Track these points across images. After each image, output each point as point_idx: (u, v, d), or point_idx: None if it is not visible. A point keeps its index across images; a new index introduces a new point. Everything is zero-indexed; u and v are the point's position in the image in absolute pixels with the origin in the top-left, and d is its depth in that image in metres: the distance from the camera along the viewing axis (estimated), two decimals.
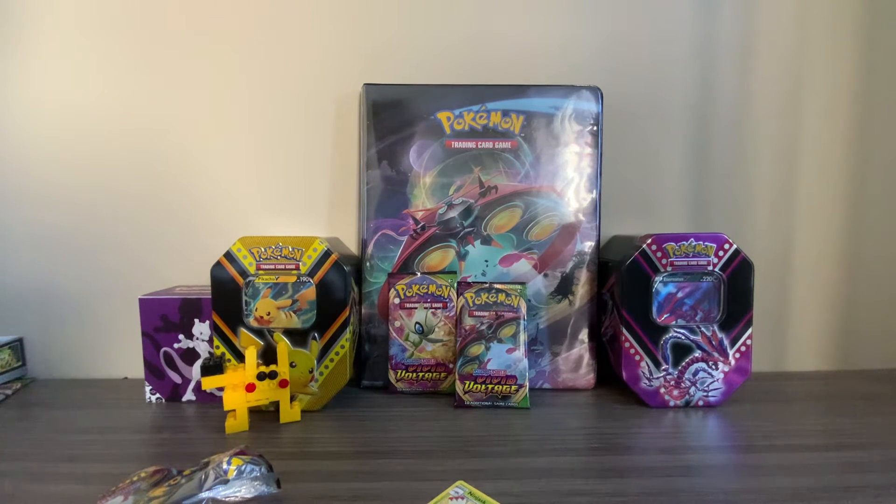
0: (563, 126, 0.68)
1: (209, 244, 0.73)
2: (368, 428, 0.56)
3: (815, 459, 0.49)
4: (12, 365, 0.71)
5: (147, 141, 0.72)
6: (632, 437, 0.54)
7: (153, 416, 0.60)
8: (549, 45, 0.73)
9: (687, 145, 0.75)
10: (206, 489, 0.39)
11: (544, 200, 0.68)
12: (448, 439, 0.53)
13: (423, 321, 0.67)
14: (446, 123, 0.68)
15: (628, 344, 0.62)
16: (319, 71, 0.72)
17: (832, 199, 0.76)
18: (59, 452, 0.51)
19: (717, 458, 0.49)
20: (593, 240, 0.68)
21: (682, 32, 0.73)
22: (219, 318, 0.60)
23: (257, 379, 0.56)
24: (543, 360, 0.69)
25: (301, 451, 0.51)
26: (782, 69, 0.74)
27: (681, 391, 0.62)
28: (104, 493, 0.40)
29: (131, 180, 0.72)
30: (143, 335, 0.63)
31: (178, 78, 0.72)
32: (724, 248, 0.61)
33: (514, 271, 0.68)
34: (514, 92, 0.68)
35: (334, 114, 0.73)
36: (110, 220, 0.73)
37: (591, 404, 0.63)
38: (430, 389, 0.67)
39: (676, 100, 0.74)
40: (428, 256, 0.69)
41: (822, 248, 0.76)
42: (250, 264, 0.60)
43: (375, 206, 0.68)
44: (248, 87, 0.72)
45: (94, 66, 0.71)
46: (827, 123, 0.75)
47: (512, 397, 0.62)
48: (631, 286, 0.61)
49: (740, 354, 0.61)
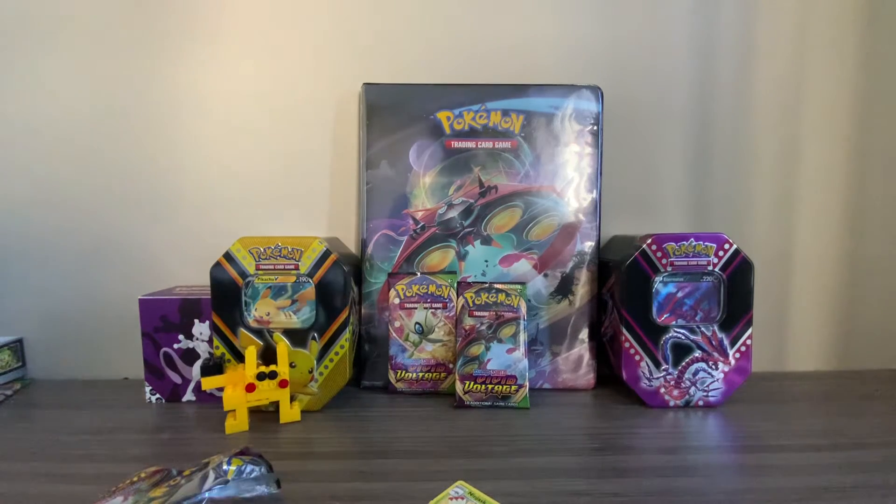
0: (563, 126, 0.68)
1: (209, 244, 0.73)
2: (368, 428, 0.56)
3: (815, 459, 0.49)
4: (12, 365, 0.71)
5: (146, 141, 0.72)
6: (632, 437, 0.54)
7: (153, 417, 0.60)
8: (549, 44, 0.73)
9: (687, 145, 0.75)
10: (206, 489, 0.39)
11: (544, 200, 0.68)
12: (448, 439, 0.53)
13: (423, 321, 0.67)
14: (446, 123, 0.68)
15: (628, 344, 0.62)
16: (319, 71, 0.72)
17: (832, 199, 0.76)
18: (59, 452, 0.51)
19: (717, 458, 0.49)
20: (593, 240, 0.68)
21: (683, 32, 0.73)
22: (218, 318, 0.60)
23: (257, 379, 0.56)
24: (543, 360, 0.68)
25: (301, 451, 0.51)
26: (782, 69, 0.74)
27: (681, 391, 0.62)
28: (104, 493, 0.41)
29: (131, 180, 0.72)
30: (143, 335, 0.63)
31: (178, 78, 0.72)
32: (724, 248, 0.61)
33: (514, 271, 0.68)
34: (513, 91, 0.68)
35: (334, 114, 0.73)
36: (110, 220, 0.73)
37: (591, 404, 0.63)
38: (430, 389, 0.67)
39: (677, 99, 0.74)
40: (428, 256, 0.68)
41: (822, 248, 0.76)
42: (250, 265, 0.60)
43: (375, 206, 0.68)
44: (248, 87, 0.72)
45: (92, 66, 0.71)
46: (827, 123, 0.75)
47: (512, 397, 0.62)
48: (631, 286, 0.61)
49: (740, 354, 0.61)
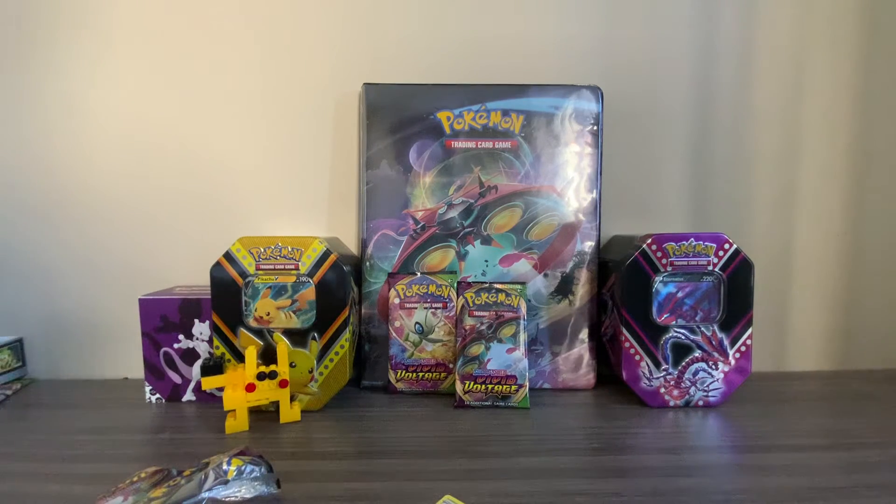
0: (563, 126, 0.68)
1: (209, 244, 0.73)
2: (368, 428, 0.56)
3: (815, 459, 0.49)
4: (12, 365, 0.71)
5: (146, 141, 0.72)
6: (632, 437, 0.54)
7: (153, 417, 0.60)
8: (549, 44, 0.73)
9: (687, 145, 0.75)
10: (206, 490, 0.39)
11: (544, 200, 0.68)
12: (448, 439, 0.53)
13: (423, 321, 0.67)
14: (446, 123, 0.68)
15: (628, 344, 0.62)
16: (319, 71, 0.72)
17: (832, 199, 0.76)
18: (59, 452, 0.51)
19: (717, 458, 0.49)
20: (593, 240, 0.68)
21: (683, 32, 0.73)
22: (218, 318, 0.60)
23: (257, 379, 0.56)
24: (543, 360, 0.68)
25: (301, 451, 0.51)
26: (782, 69, 0.74)
27: (681, 391, 0.62)
28: (104, 493, 0.40)
29: (130, 180, 0.72)
30: (143, 335, 0.63)
31: (177, 78, 0.72)
32: (724, 248, 0.61)
33: (514, 271, 0.68)
34: (513, 91, 0.68)
35: (334, 114, 0.73)
36: (110, 220, 0.73)
37: (591, 404, 0.63)
38: (430, 389, 0.67)
39: (677, 99, 0.74)
40: (428, 256, 0.68)
41: (822, 248, 0.76)
42: (250, 264, 0.60)
43: (375, 206, 0.68)
44: (248, 88, 0.72)
45: (90, 65, 0.71)
46: (827, 123, 0.75)
47: (512, 397, 0.62)
48: (631, 286, 0.61)
49: (740, 354, 0.61)
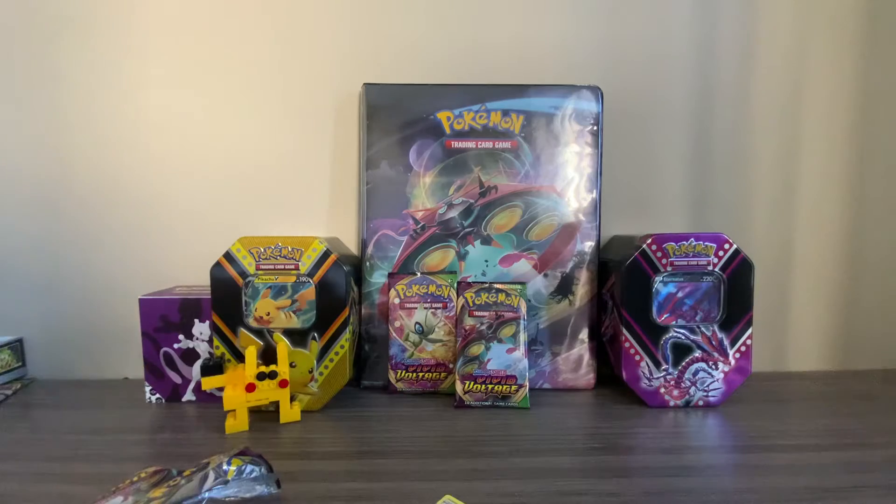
0: (563, 126, 0.68)
1: (209, 244, 0.73)
2: (368, 428, 0.56)
3: (815, 459, 0.49)
4: (12, 365, 0.71)
5: (146, 141, 0.72)
6: (632, 437, 0.54)
7: (153, 417, 0.60)
8: (548, 44, 0.73)
9: (687, 145, 0.75)
10: (206, 490, 0.39)
11: (544, 200, 0.68)
12: (448, 439, 0.53)
13: (423, 321, 0.67)
14: (446, 123, 0.68)
15: (628, 344, 0.62)
16: (319, 71, 0.72)
17: (832, 199, 0.76)
18: (59, 452, 0.51)
19: (717, 458, 0.49)
20: (593, 240, 0.68)
21: (682, 32, 0.73)
22: (218, 318, 0.60)
23: (257, 379, 0.56)
24: (543, 360, 0.68)
25: (301, 451, 0.51)
26: (782, 69, 0.74)
27: (681, 391, 0.62)
28: (104, 493, 0.40)
29: (130, 180, 0.72)
30: (143, 335, 0.63)
31: (177, 78, 0.72)
32: (724, 248, 0.61)
33: (514, 271, 0.68)
34: (513, 92, 0.68)
35: (334, 113, 0.73)
36: (110, 220, 0.73)
37: (591, 404, 0.63)
38: (430, 389, 0.67)
39: (676, 99, 0.74)
40: (428, 256, 0.68)
41: (822, 248, 0.76)
42: (250, 264, 0.60)
43: (375, 206, 0.68)
44: (248, 87, 0.72)
45: (89, 65, 0.71)
46: (827, 123, 0.75)
47: (512, 397, 0.62)
48: (631, 286, 0.61)
49: (740, 354, 0.61)
